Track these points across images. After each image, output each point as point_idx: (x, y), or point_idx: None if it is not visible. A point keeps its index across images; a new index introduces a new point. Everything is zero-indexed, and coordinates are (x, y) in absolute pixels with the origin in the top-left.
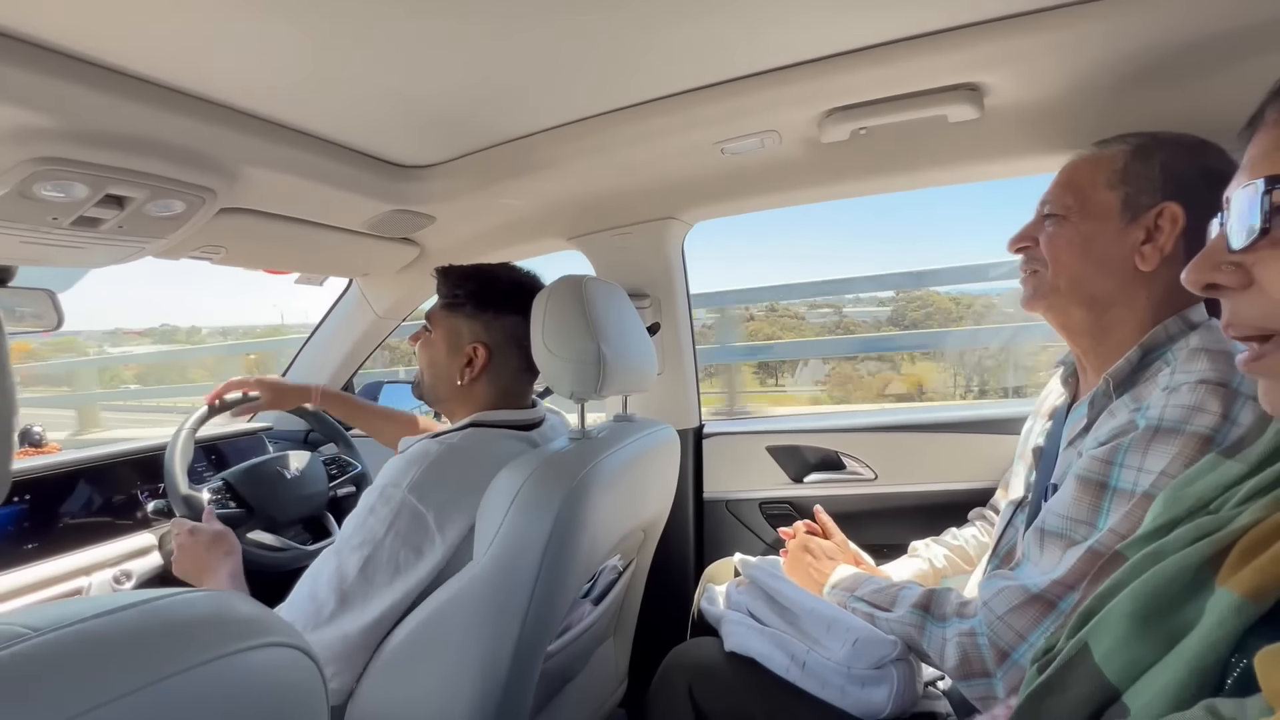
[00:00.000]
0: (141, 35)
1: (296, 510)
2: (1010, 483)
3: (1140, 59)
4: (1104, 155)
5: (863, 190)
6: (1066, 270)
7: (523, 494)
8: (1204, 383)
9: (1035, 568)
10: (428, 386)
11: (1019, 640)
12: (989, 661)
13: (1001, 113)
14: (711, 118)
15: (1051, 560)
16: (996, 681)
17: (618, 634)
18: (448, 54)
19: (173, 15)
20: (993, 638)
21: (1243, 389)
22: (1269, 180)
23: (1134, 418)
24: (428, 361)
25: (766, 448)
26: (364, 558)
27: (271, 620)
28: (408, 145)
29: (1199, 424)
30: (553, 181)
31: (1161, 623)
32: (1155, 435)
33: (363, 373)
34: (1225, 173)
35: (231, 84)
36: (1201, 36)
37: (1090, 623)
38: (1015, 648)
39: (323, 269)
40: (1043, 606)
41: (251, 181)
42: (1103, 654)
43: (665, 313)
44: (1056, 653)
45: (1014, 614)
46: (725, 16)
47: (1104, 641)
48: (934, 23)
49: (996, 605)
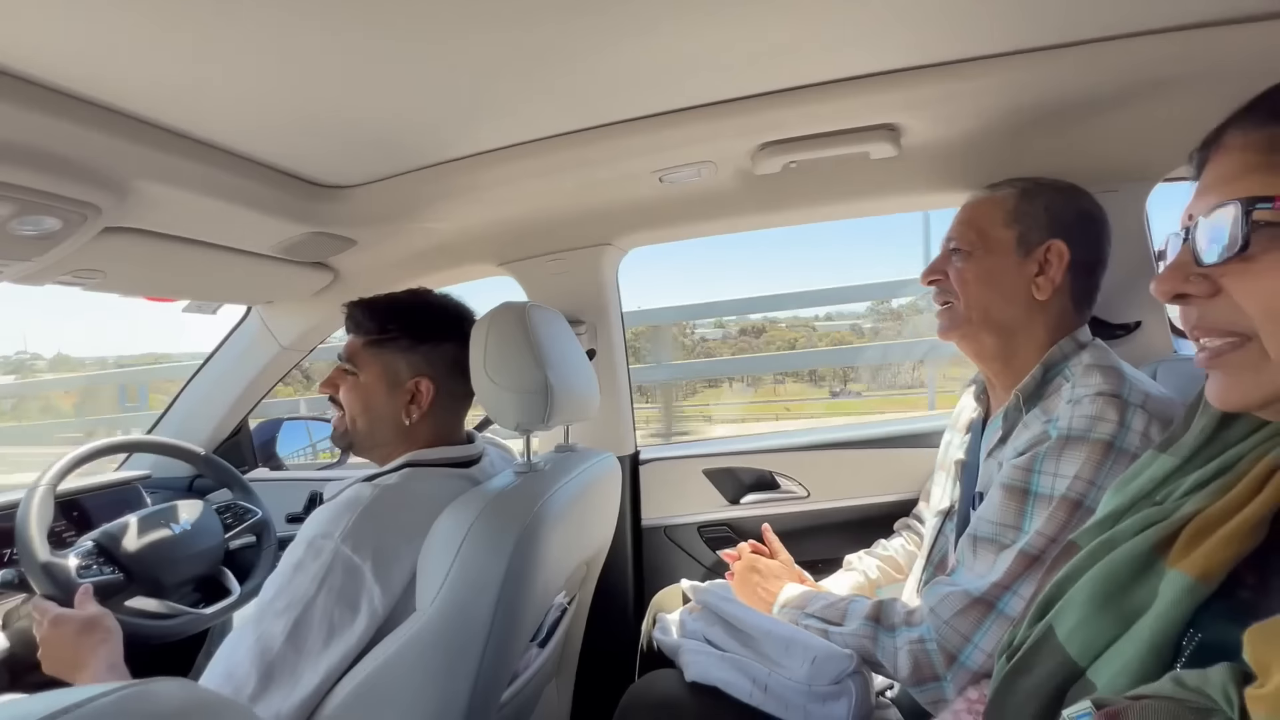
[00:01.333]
0: (12, 24)
1: (186, 570)
2: (932, 493)
3: (1031, 111)
4: (997, 197)
5: (792, 220)
6: (978, 302)
7: (472, 535)
8: (1101, 395)
9: (971, 573)
10: (362, 433)
11: (964, 642)
12: (939, 666)
13: (917, 152)
14: (649, 147)
15: (985, 564)
16: (947, 684)
17: (560, 675)
18: (377, 72)
19: (59, 8)
20: (941, 642)
21: (1131, 399)
22: (1246, 201)
23: (1046, 429)
24: (361, 406)
25: (703, 471)
26: (291, 622)
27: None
28: (330, 164)
29: (1101, 431)
30: (486, 205)
31: (1118, 603)
32: (1066, 444)
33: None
34: (1094, 213)
35: (127, 87)
36: (1079, 95)
37: (1053, 608)
38: (961, 650)
39: (220, 296)
40: (984, 608)
41: (145, 198)
42: (1065, 634)
43: (601, 338)
44: (1022, 641)
45: (958, 618)
46: (664, 50)
47: (1066, 622)
48: (857, 68)
49: (942, 611)
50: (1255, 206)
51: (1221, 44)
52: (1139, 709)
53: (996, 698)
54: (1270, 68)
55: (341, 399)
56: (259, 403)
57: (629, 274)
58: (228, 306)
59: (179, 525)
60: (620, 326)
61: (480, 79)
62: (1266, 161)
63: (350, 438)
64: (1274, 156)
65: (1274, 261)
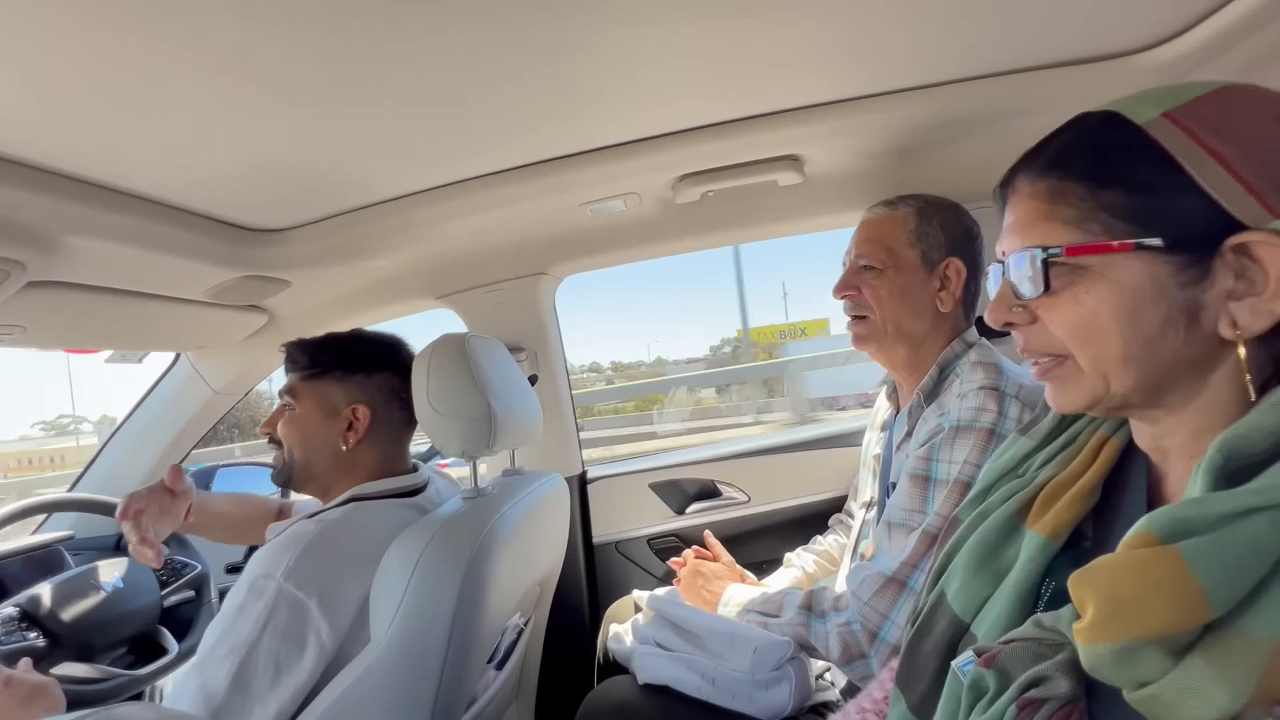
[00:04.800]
0: None
1: (118, 631)
2: (858, 488)
3: (913, 137)
4: (897, 216)
5: (713, 243)
6: (893, 316)
7: (424, 563)
8: (982, 389)
9: (886, 555)
10: (299, 465)
11: (883, 620)
12: (864, 644)
13: (819, 178)
14: (576, 182)
15: (899, 547)
16: (872, 660)
17: (520, 697)
18: (305, 123)
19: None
20: (863, 622)
21: (1007, 390)
22: (1041, 249)
23: (940, 421)
24: (298, 437)
25: (649, 485)
26: (235, 666)
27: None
28: (260, 208)
29: (984, 420)
30: (420, 243)
31: (990, 564)
32: (957, 433)
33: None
34: (974, 230)
35: (53, 145)
36: (951, 124)
37: (944, 574)
38: (881, 626)
39: (148, 344)
40: (897, 587)
41: (72, 252)
42: (953, 595)
43: (542, 364)
44: (921, 608)
45: (876, 597)
46: (585, 92)
47: (953, 585)
48: (762, 106)
49: (862, 593)
50: (1048, 253)
51: (1053, 84)
52: (1009, 651)
53: (905, 660)
54: (1083, 104)
55: (280, 434)
56: (190, 451)
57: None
58: (154, 355)
59: (109, 585)
60: (560, 351)
61: (407, 125)
62: (1049, 210)
63: (289, 472)
64: (1055, 206)
65: (1072, 296)
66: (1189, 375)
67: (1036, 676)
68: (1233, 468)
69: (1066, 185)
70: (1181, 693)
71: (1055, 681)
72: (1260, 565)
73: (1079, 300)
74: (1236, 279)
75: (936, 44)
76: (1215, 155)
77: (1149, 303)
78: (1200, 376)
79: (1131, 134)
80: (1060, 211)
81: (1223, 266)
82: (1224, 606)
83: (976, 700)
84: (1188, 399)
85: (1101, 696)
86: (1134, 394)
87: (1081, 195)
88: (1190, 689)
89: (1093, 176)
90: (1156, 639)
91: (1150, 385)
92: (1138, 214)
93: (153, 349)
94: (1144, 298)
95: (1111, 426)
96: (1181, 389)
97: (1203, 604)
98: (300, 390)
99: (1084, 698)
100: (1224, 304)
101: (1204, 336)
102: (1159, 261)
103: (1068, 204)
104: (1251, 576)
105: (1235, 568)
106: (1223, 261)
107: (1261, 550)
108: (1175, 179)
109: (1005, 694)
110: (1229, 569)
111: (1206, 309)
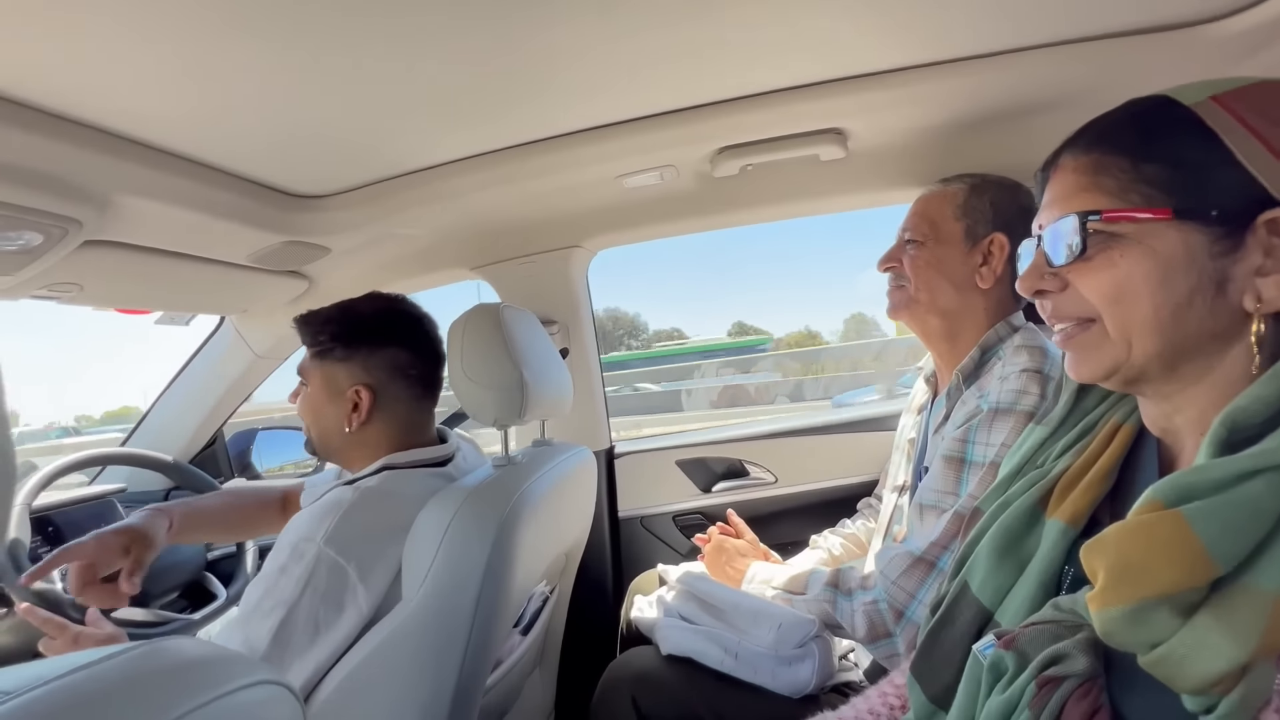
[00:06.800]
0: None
1: (171, 578)
2: (890, 472)
3: (966, 114)
4: (949, 191)
5: (750, 219)
6: (926, 286)
7: (454, 527)
8: (1025, 371)
9: (916, 535)
10: (317, 441)
11: (910, 599)
12: (889, 622)
13: (863, 153)
14: (613, 154)
15: (929, 527)
16: (897, 639)
17: (543, 664)
18: (350, 88)
19: (42, 31)
20: (890, 601)
21: (1051, 374)
22: (1081, 214)
23: (979, 403)
24: (311, 416)
25: (676, 462)
26: (277, 623)
27: (254, 659)
28: (302, 174)
29: (1025, 403)
30: (456, 213)
31: (1014, 553)
32: (996, 415)
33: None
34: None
35: (107, 106)
36: (1007, 100)
37: (966, 565)
38: (908, 606)
39: (195, 307)
40: (925, 567)
41: (125, 212)
42: (977, 585)
43: (573, 338)
44: (944, 596)
45: (904, 577)
46: (624, 61)
47: (977, 576)
48: (805, 76)
49: (890, 571)
50: (1088, 218)
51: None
52: (1027, 633)
53: (924, 649)
54: (1150, 82)
55: (298, 411)
56: (235, 412)
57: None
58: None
59: None
60: (592, 326)
61: (448, 93)
62: (1092, 182)
63: (311, 446)
64: (1098, 178)
65: (1106, 260)
66: (1208, 348)
67: (1055, 655)
68: (1235, 439)
69: (1109, 159)
70: (1192, 648)
71: (1073, 659)
72: (1261, 524)
73: (1113, 263)
74: (1265, 256)
75: (993, 9)
76: (1257, 135)
77: (1180, 271)
78: (1217, 351)
79: (1178, 111)
80: (1102, 183)
81: (1254, 242)
82: (1229, 563)
83: (996, 681)
84: (1201, 374)
85: (1119, 672)
86: (1153, 362)
87: (1124, 168)
88: (1200, 643)
89: (1136, 150)
90: (1165, 597)
91: (1170, 354)
92: (1178, 186)
93: (199, 311)
94: (1176, 265)
95: (1124, 413)
96: (1198, 362)
97: (1206, 561)
98: (308, 370)
99: (1102, 674)
100: (1251, 279)
101: (1229, 309)
102: (1194, 231)
103: (1110, 175)
104: (1253, 535)
105: (1235, 526)
106: (1255, 237)
107: (1261, 510)
108: (1216, 154)
109: (1024, 673)
110: (1228, 527)
111: (1234, 281)
